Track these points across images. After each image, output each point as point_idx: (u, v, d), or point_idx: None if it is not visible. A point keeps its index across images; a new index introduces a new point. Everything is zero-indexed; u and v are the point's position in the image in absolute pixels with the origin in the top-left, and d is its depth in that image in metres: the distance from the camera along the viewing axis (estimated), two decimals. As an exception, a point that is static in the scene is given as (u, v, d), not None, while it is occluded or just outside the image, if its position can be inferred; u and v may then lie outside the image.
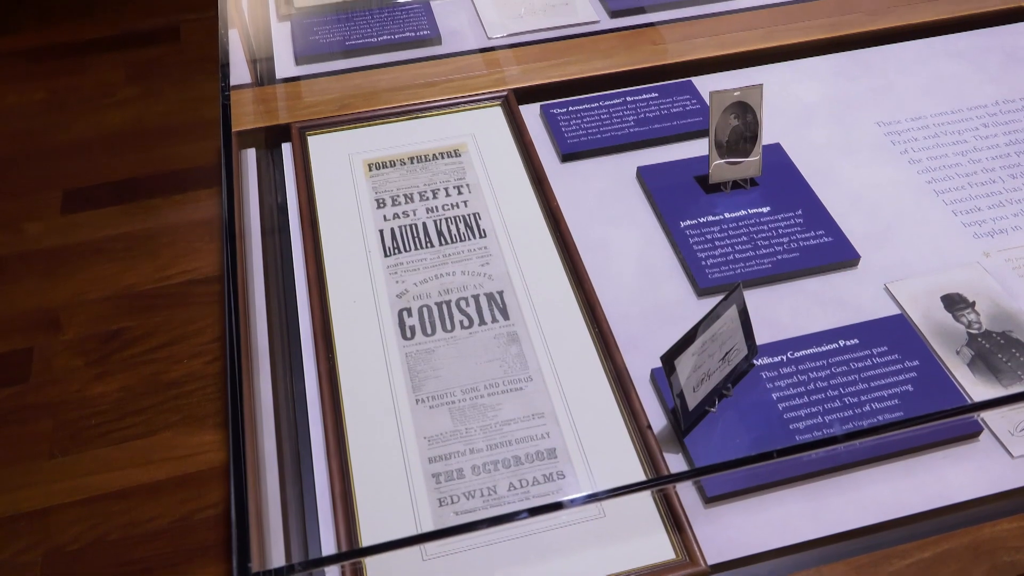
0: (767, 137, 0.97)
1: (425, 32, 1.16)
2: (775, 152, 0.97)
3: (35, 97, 2.21)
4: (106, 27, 2.43)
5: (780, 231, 0.88)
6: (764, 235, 0.88)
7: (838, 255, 0.86)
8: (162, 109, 2.18)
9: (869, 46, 1.13)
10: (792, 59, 1.12)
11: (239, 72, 1.03)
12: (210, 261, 1.81)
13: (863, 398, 0.73)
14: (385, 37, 1.15)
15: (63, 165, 2.01)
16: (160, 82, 2.26)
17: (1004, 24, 1.16)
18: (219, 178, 1.97)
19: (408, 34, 1.16)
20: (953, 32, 1.15)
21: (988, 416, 0.73)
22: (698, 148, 0.98)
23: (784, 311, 0.82)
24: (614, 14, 1.20)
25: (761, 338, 0.77)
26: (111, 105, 2.19)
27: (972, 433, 0.71)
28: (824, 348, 0.77)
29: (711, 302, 0.81)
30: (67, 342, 1.64)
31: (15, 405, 1.51)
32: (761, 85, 0.89)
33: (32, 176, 1.99)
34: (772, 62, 1.12)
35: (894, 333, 0.78)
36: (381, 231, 0.90)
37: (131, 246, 1.84)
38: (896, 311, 0.81)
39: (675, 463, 0.70)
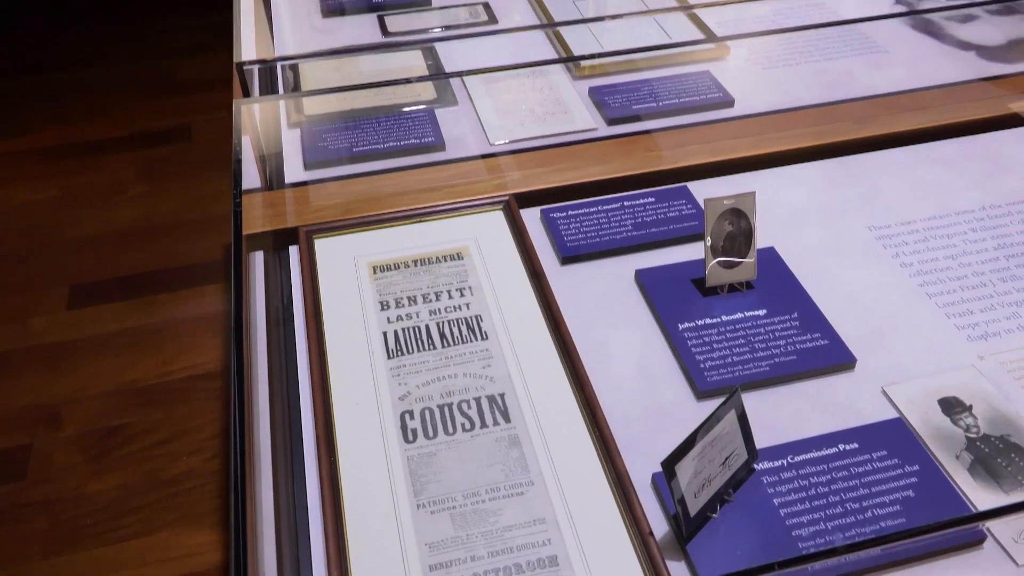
0: (761, 241, 1.00)
1: (430, 139, 1.21)
2: (769, 255, 0.99)
3: (48, 194, 2.27)
4: (121, 127, 2.52)
5: (777, 334, 0.90)
6: (761, 338, 0.89)
7: (835, 358, 0.87)
8: (171, 206, 2.24)
9: (856, 153, 1.17)
10: (783, 165, 1.16)
11: (250, 177, 1.07)
12: (213, 356, 1.82)
13: (865, 504, 0.73)
14: (391, 143, 1.20)
15: (72, 261, 2.05)
16: (170, 180, 2.32)
17: (985, 132, 1.20)
18: (225, 273, 2.00)
19: (413, 141, 1.20)
20: (937, 140, 1.19)
21: (992, 523, 0.72)
22: (694, 251, 1.01)
23: (783, 414, 0.83)
24: (611, 122, 1.25)
25: (761, 442, 0.78)
26: (122, 202, 2.24)
27: (976, 540, 0.71)
28: (824, 452, 0.78)
29: (710, 404, 0.82)
30: (66, 438, 1.63)
31: (11, 503, 1.50)
32: (753, 193, 0.92)
33: (40, 272, 2.03)
34: (763, 168, 1.15)
35: (893, 437, 0.79)
36: (384, 333, 0.92)
37: (135, 341, 1.85)
38: (894, 414, 0.82)
39: (678, 571, 0.69)
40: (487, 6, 1.52)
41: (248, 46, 1.21)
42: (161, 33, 2.97)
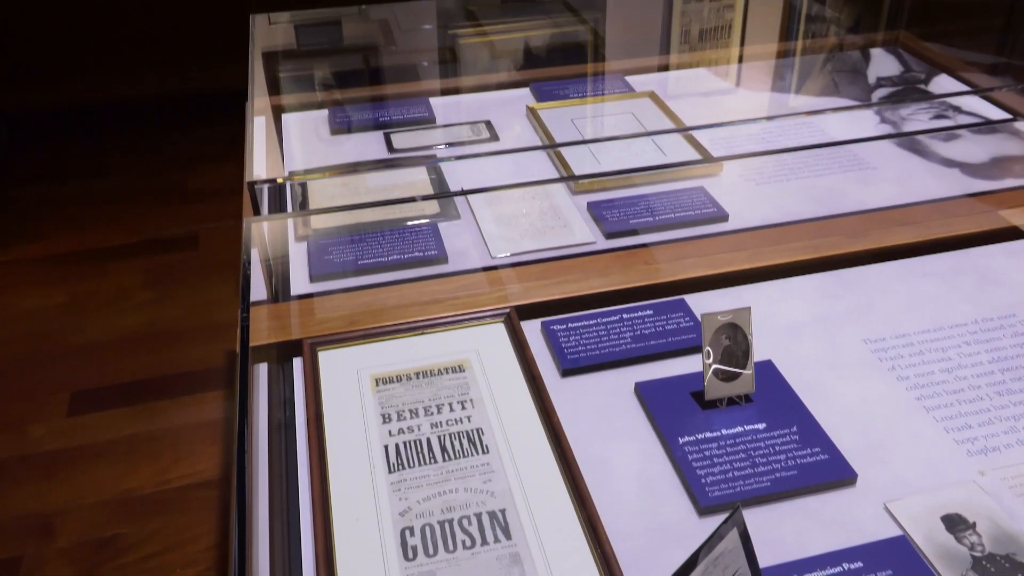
0: (758, 354, 1.01)
1: (433, 252, 1.24)
2: (767, 369, 1.01)
3: (55, 301, 2.30)
4: (131, 235, 2.57)
5: (777, 448, 0.90)
6: (762, 452, 0.89)
7: (835, 473, 0.87)
8: (176, 312, 2.26)
9: (849, 266, 1.20)
10: (778, 278, 1.18)
11: (256, 288, 1.09)
12: (211, 464, 1.80)
13: (871, 626, 0.72)
14: (395, 256, 1.23)
15: (74, 367, 2.06)
16: (176, 287, 2.36)
17: (974, 247, 1.24)
18: (226, 380, 2.01)
19: (416, 254, 1.24)
20: (927, 254, 1.22)
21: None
22: (693, 364, 1.02)
23: (785, 531, 0.82)
24: (609, 235, 1.28)
25: (764, 560, 0.77)
26: (127, 309, 2.27)
27: (986, 665, 0.70)
28: (828, 572, 0.77)
29: (713, 520, 0.82)
30: (59, 550, 1.60)
31: (-2, 620, 1.46)
32: (749, 308, 0.94)
33: (42, 378, 2.03)
34: (759, 281, 1.18)
35: (898, 556, 0.78)
36: (386, 446, 0.92)
37: (133, 448, 1.84)
38: (898, 532, 0.81)
39: None
40: (489, 124, 1.59)
41: (259, 162, 1.26)
42: (174, 145, 3.07)
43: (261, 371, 1.04)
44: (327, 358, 1.05)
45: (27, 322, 2.21)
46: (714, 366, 0.94)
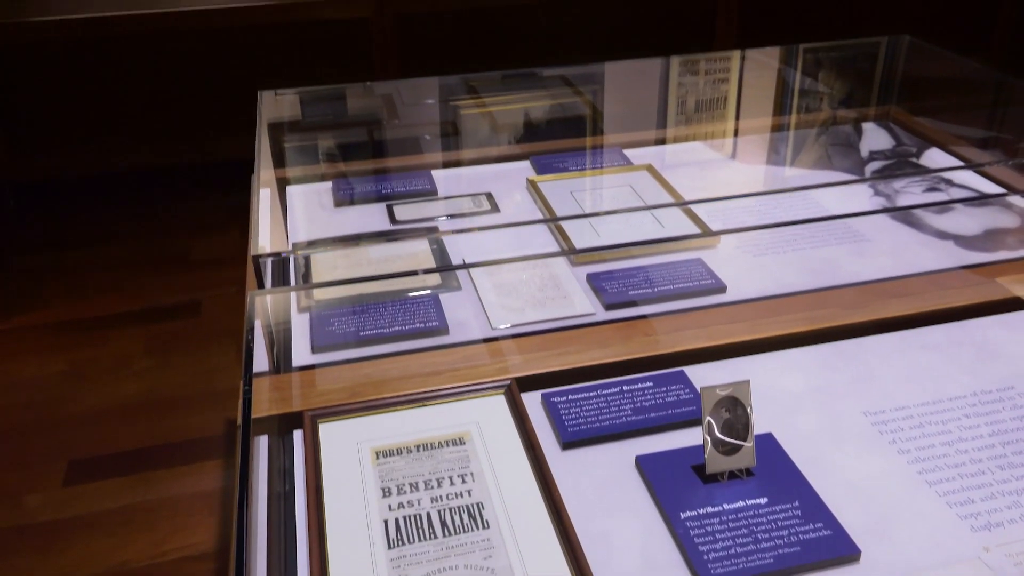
0: (758, 427, 1.01)
1: (434, 323, 1.25)
2: (767, 442, 1.01)
3: (54, 369, 2.30)
4: (132, 302, 2.59)
5: (779, 523, 0.89)
6: (764, 527, 0.89)
7: (839, 550, 0.86)
8: (175, 380, 2.26)
9: (847, 338, 1.21)
10: (777, 350, 1.19)
11: (258, 359, 1.10)
12: (207, 536, 1.78)
13: None
14: (396, 328, 1.24)
15: (72, 436, 2.05)
16: (176, 354, 2.36)
17: (970, 319, 1.25)
18: (225, 449, 2.00)
19: (418, 325, 1.25)
20: (924, 326, 1.23)
21: None
22: (693, 436, 1.02)
23: (790, 610, 0.81)
24: (608, 307, 1.29)
25: (768, 641, 0.76)
26: (127, 376, 2.27)
27: None
28: (833, 652, 0.76)
29: (715, 600, 0.81)
30: (50, 625, 1.57)
31: None
32: (748, 381, 0.95)
33: (40, 447, 2.02)
34: (758, 352, 1.19)
35: (903, 635, 0.77)
36: (386, 521, 0.92)
37: (129, 519, 1.82)
38: (903, 610, 0.80)
39: None
40: (490, 196, 1.61)
41: (264, 235, 1.28)
42: (177, 213, 3.11)
43: (261, 443, 1.04)
44: (328, 430, 1.05)
45: (26, 390, 2.21)
46: (714, 439, 0.94)
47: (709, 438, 0.94)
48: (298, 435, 1.06)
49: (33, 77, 2.87)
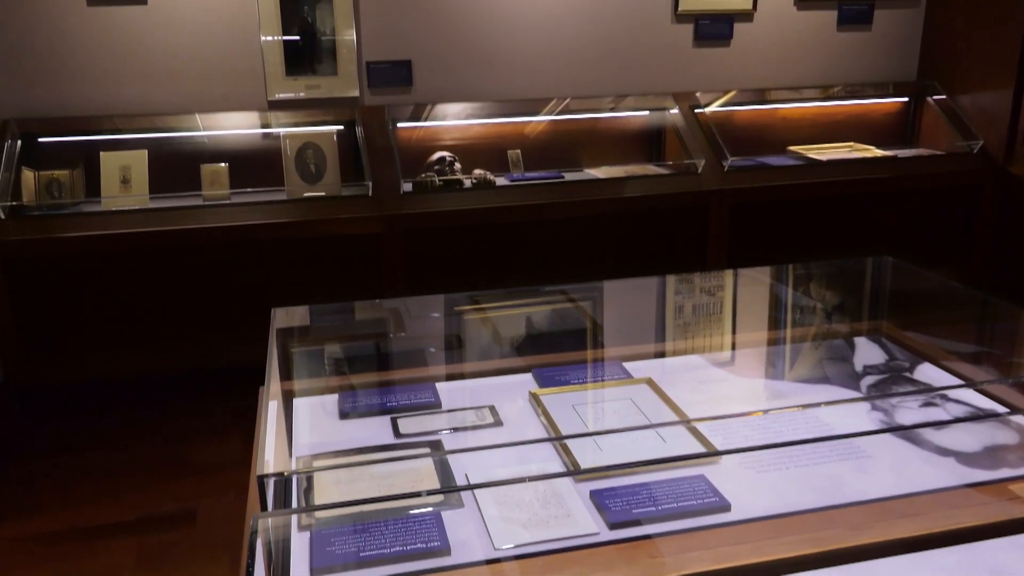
0: (772, 661, 0.97)
1: (435, 543, 1.23)
2: None
3: (41, 583, 2.22)
4: (126, 511, 2.54)
5: None
6: None
7: None
8: (165, 597, 2.17)
9: (855, 560, 1.19)
10: (783, 574, 1.17)
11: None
12: None
13: None
14: (397, 548, 1.22)
15: (50, 659, 1.94)
16: (168, 567, 2.28)
17: (982, 540, 1.23)
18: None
19: (419, 545, 1.23)
20: (934, 547, 1.21)
21: None
22: (704, 672, 0.98)
23: None
24: (612, 526, 1.28)
25: None
26: (114, 592, 2.18)
27: None
28: None
29: None
30: None
31: None
32: (757, 612, 0.92)
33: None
34: (766, 576, 1.16)
35: None
36: None
37: None
38: None
39: None
40: (493, 409, 1.64)
41: (269, 450, 1.29)
42: (180, 417, 3.12)
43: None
44: (323, 663, 1.01)
45: (8, 606, 2.12)
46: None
47: (720, 675, 0.90)
48: (292, 668, 1.01)
49: (51, 286, 2.99)
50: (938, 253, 3.80)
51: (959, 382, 1.71)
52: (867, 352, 1.86)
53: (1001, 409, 1.61)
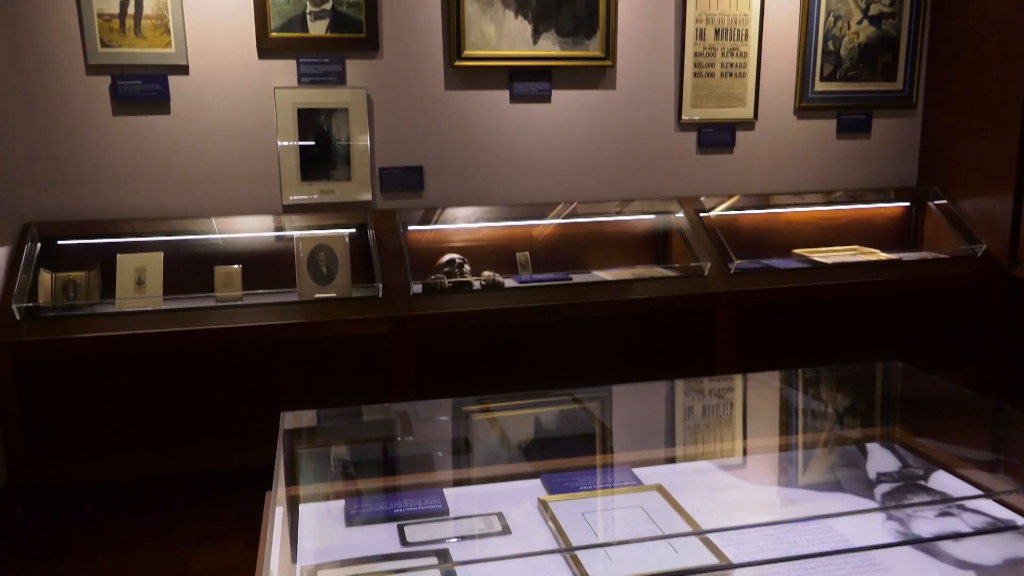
0: None
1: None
2: None
3: None
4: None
5: None
6: None
7: None
8: None
9: None
10: None
11: None
12: None
13: None
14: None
15: None
16: None
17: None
18: None
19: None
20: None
21: None
22: None
23: None
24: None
25: None
26: None
27: None
28: None
29: None
30: None
31: None
32: None
33: None
34: None
35: None
36: None
37: None
38: None
39: None
40: (501, 516, 1.61)
41: (274, 560, 1.27)
42: (182, 522, 3.07)
43: None
44: None
45: None
46: None
47: None
48: None
49: (61, 386, 2.99)
50: (945, 356, 3.79)
51: (976, 491, 1.68)
52: (880, 459, 1.84)
53: (1020, 520, 1.58)
